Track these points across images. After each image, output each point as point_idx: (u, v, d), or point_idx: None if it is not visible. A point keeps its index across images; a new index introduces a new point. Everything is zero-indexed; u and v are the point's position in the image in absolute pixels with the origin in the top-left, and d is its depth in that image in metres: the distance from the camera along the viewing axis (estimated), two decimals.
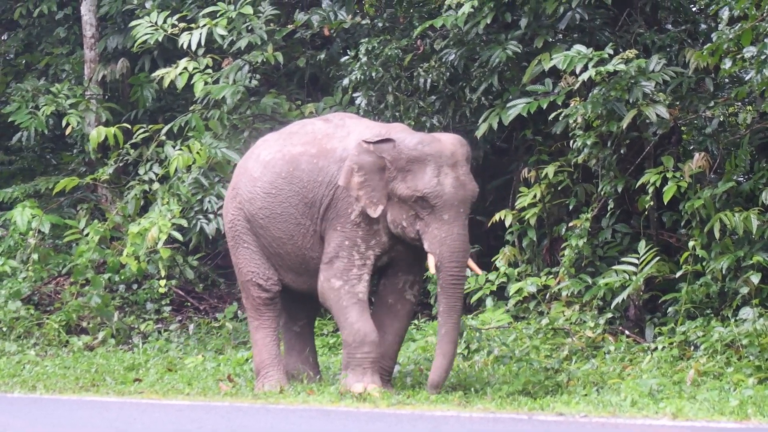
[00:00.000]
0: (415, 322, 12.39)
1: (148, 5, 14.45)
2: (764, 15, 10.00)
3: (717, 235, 10.43)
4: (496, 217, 12.23)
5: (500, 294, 12.00)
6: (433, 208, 9.06)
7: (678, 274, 10.68)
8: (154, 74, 14.17)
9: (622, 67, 10.73)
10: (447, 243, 9.06)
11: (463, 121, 12.88)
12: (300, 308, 10.15)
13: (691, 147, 11.44)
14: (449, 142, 9.25)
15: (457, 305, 9.13)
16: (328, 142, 9.48)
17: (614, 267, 10.89)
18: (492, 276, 11.94)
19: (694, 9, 12.64)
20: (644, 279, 10.75)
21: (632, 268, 10.64)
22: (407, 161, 9.13)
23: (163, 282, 13.56)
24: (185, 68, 13.59)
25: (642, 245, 10.66)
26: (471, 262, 9.33)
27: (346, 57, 13.07)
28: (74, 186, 14.61)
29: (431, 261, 9.10)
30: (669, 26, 12.54)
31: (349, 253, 9.24)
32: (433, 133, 9.57)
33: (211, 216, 13.33)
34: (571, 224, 11.59)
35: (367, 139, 9.25)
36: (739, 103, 11.18)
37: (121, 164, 14.39)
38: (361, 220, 9.26)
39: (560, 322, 11.07)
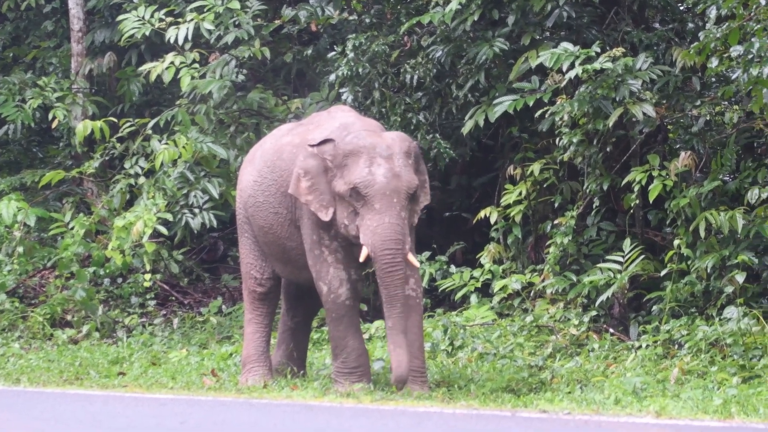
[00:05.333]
0: None
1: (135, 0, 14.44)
2: (751, 14, 10.01)
3: (702, 234, 10.45)
4: (482, 214, 12.25)
5: (485, 291, 12.00)
6: (365, 198, 8.81)
7: (663, 272, 10.70)
8: (141, 68, 14.19)
9: (608, 65, 10.74)
10: (378, 232, 8.77)
11: (449, 117, 12.89)
12: (299, 304, 10.09)
13: (677, 146, 11.44)
14: (388, 136, 9.06)
15: (398, 293, 8.80)
16: (312, 133, 9.33)
17: (599, 265, 10.93)
18: (477, 273, 11.96)
19: (681, 8, 12.64)
20: (629, 277, 10.79)
21: (617, 266, 10.68)
22: (344, 157, 8.93)
23: (147, 276, 13.53)
24: (172, 63, 13.58)
25: (627, 243, 10.70)
26: (410, 255, 8.88)
27: (333, 53, 13.04)
28: (60, 179, 14.59)
29: (364, 252, 8.85)
30: (656, 25, 12.54)
31: (319, 248, 9.12)
32: (379, 130, 9.29)
33: (197, 210, 13.35)
34: (556, 222, 11.59)
35: (310, 142, 9.14)
36: (726, 102, 11.18)
37: (107, 158, 14.38)
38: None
39: (544, 320, 11.08)
